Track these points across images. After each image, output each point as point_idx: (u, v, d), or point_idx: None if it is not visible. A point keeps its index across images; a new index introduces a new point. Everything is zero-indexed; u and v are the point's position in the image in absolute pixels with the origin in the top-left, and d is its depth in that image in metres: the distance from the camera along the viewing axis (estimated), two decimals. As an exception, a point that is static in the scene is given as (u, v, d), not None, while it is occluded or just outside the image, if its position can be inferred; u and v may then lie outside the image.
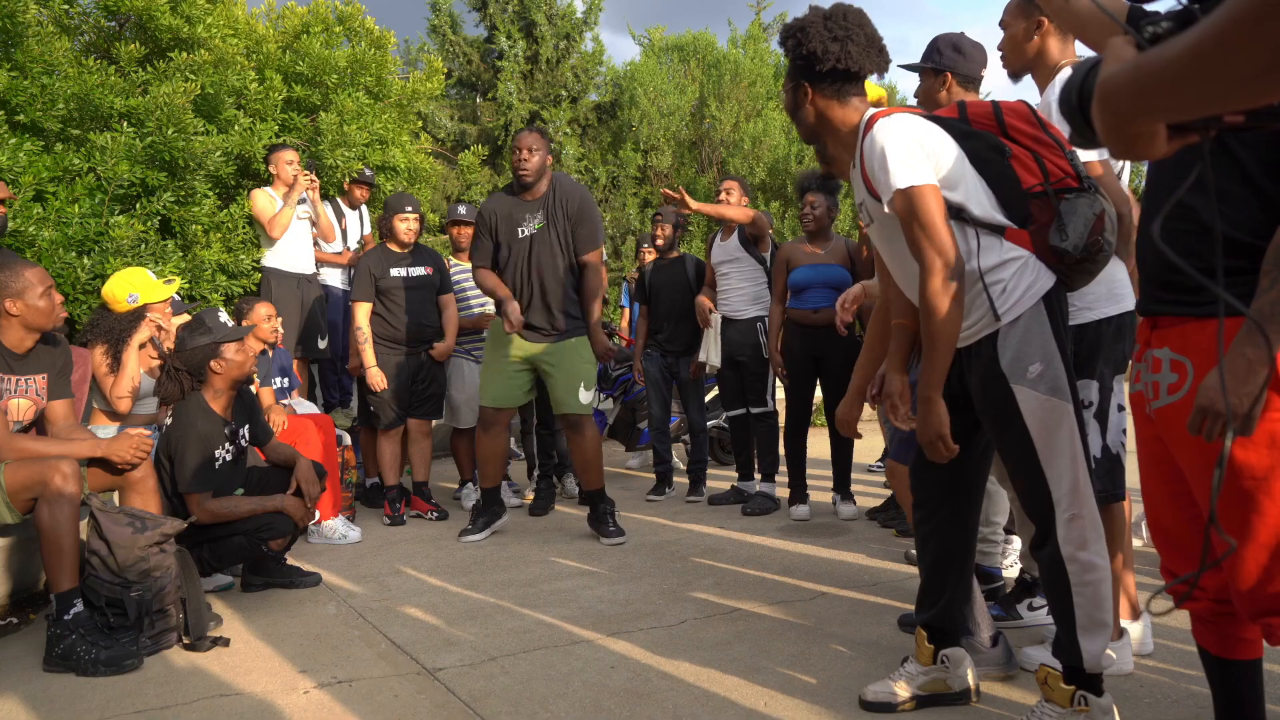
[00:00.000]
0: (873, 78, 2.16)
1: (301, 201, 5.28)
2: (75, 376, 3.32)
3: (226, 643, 2.81)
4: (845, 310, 3.71)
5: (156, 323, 3.80)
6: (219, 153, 5.24)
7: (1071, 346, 2.07)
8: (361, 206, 6.07)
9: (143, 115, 5.04)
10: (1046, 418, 1.95)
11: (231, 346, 3.31)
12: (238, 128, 5.52)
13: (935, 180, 1.96)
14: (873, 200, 2.05)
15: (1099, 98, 0.85)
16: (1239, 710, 1.65)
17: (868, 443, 2.23)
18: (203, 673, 2.60)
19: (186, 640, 2.82)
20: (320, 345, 5.41)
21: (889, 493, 4.68)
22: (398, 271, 4.79)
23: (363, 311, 4.73)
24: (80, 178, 4.80)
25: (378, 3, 8.86)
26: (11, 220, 4.28)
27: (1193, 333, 1.53)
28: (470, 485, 5.16)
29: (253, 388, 3.85)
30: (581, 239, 4.20)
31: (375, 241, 5.63)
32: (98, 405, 3.78)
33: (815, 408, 4.98)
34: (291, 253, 5.30)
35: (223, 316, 3.42)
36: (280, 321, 4.61)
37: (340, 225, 5.80)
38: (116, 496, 3.21)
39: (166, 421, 3.32)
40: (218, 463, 3.23)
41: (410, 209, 4.84)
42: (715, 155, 11.57)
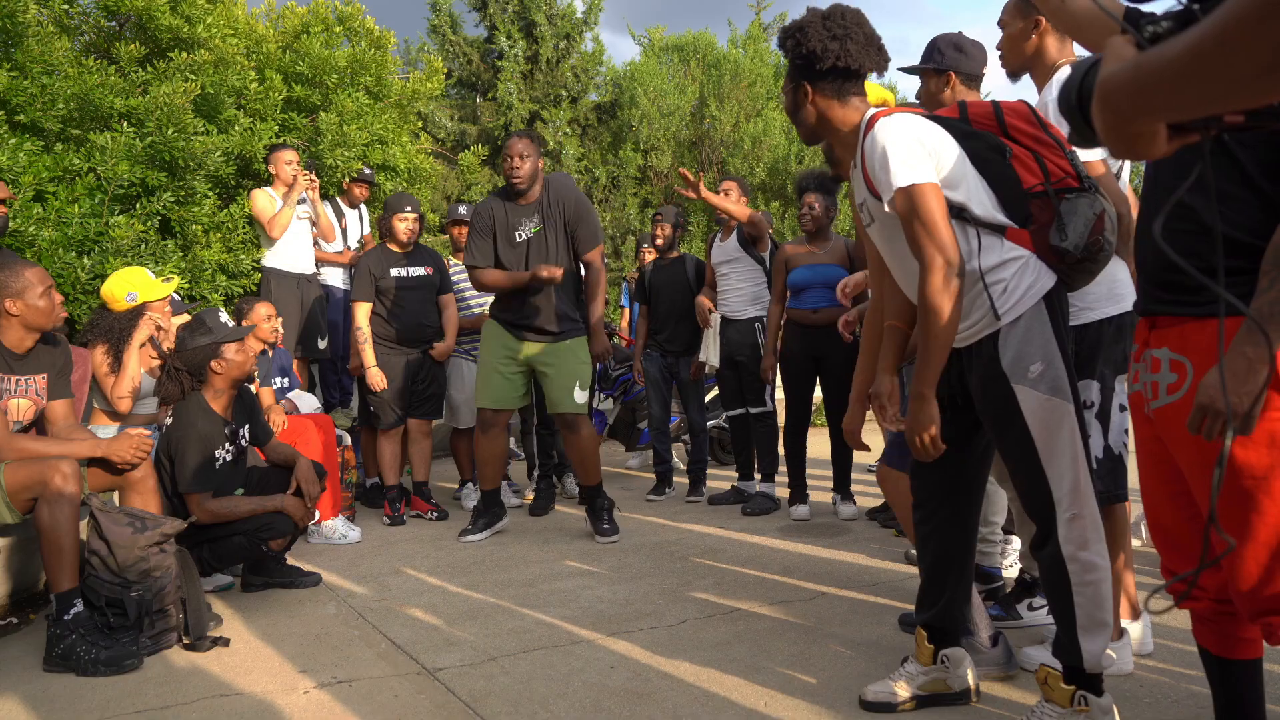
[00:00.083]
0: (872, 77, 2.16)
1: (301, 201, 5.28)
2: (75, 376, 3.32)
3: (226, 643, 2.81)
4: (845, 295, 3.72)
5: (156, 321, 3.80)
6: (219, 153, 5.25)
7: (1072, 346, 2.07)
8: (361, 205, 6.07)
9: (143, 115, 5.04)
10: (1047, 418, 1.95)
11: (232, 346, 3.31)
12: (238, 128, 5.52)
13: (936, 179, 1.96)
14: (874, 199, 2.05)
15: (1099, 97, 0.85)
16: (1239, 710, 1.65)
17: (868, 443, 2.24)
18: (203, 673, 2.60)
19: (186, 640, 2.82)
20: (320, 345, 5.41)
21: (889, 493, 4.68)
22: (397, 271, 4.79)
23: (363, 311, 4.73)
24: (80, 178, 4.80)
25: (378, 3, 8.87)
26: (11, 220, 4.28)
27: (1192, 332, 1.53)
28: (470, 485, 5.16)
29: (252, 388, 3.85)
30: (582, 239, 4.21)
31: (375, 241, 5.63)
32: (98, 405, 3.78)
33: (815, 408, 4.98)
34: (291, 253, 5.30)
35: (223, 316, 3.42)
36: (280, 321, 4.61)
37: (340, 225, 5.80)
38: (116, 496, 3.21)
39: (166, 421, 3.32)
40: (218, 463, 3.24)
41: (410, 209, 4.84)
42: (715, 155, 11.56)
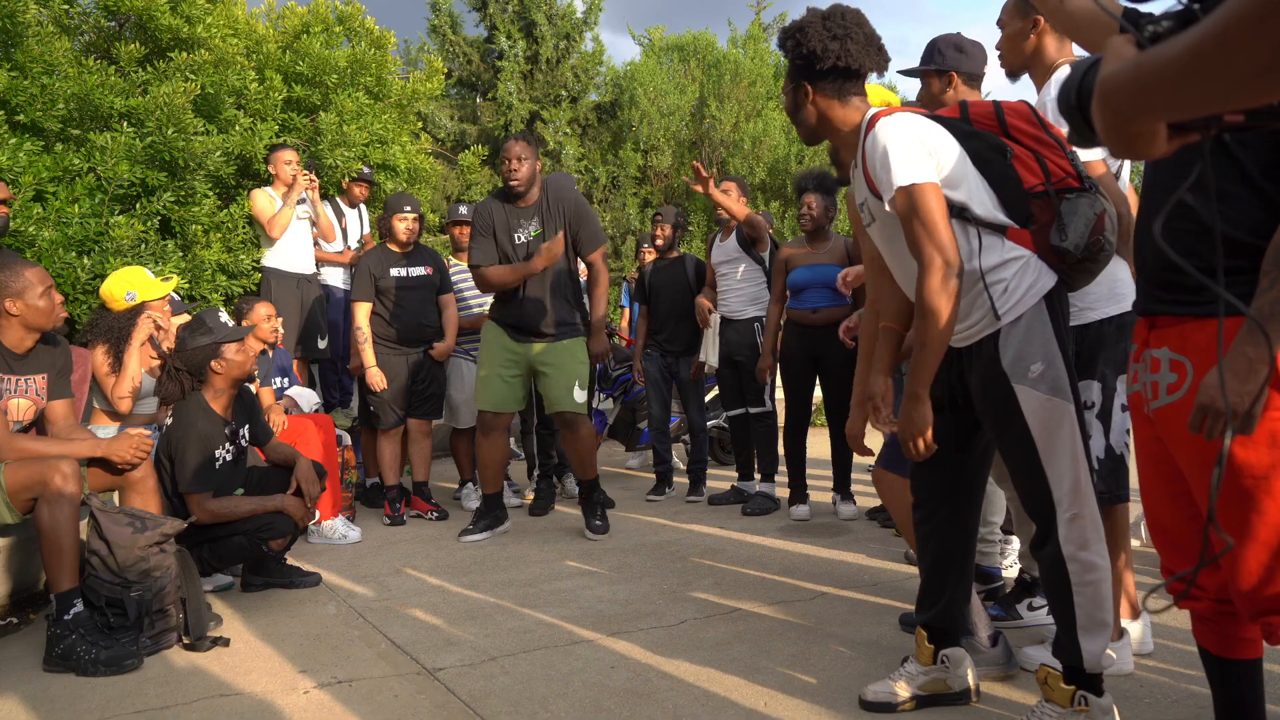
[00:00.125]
0: (872, 77, 2.16)
1: (301, 201, 5.28)
2: (75, 376, 3.32)
3: (226, 643, 2.81)
4: (845, 285, 3.72)
5: (155, 320, 3.80)
6: (219, 153, 5.24)
7: (1073, 346, 2.07)
8: (361, 205, 6.07)
9: (143, 115, 5.04)
10: (1047, 418, 1.95)
11: (232, 346, 3.31)
12: (238, 128, 5.52)
13: (937, 179, 1.96)
14: (875, 199, 2.05)
15: (1099, 96, 0.85)
16: (1239, 710, 1.65)
17: (868, 443, 2.25)
18: (203, 673, 2.60)
19: (186, 640, 2.82)
20: (320, 345, 5.41)
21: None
22: (397, 271, 4.79)
23: (363, 311, 4.73)
24: (80, 178, 4.80)
25: (378, 3, 8.84)
26: (11, 220, 4.27)
27: (1192, 332, 1.53)
28: (470, 485, 5.16)
29: (252, 388, 3.85)
30: (584, 241, 4.21)
31: (375, 241, 5.63)
32: (98, 405, 3.78)
33: (815, 408, 4.97)
34: (291, 253, 5.30)
35: (223, 316, 3.42)
36: (280, 321, 4.61)
37: (340, 224, 5.80)
38: (116, 496, 3.21)
39: (166, 421, 3.32)
40: (218, 463, 3.24)
41: (409, 209, 4.84)
42: (715, 155, 11.56)
